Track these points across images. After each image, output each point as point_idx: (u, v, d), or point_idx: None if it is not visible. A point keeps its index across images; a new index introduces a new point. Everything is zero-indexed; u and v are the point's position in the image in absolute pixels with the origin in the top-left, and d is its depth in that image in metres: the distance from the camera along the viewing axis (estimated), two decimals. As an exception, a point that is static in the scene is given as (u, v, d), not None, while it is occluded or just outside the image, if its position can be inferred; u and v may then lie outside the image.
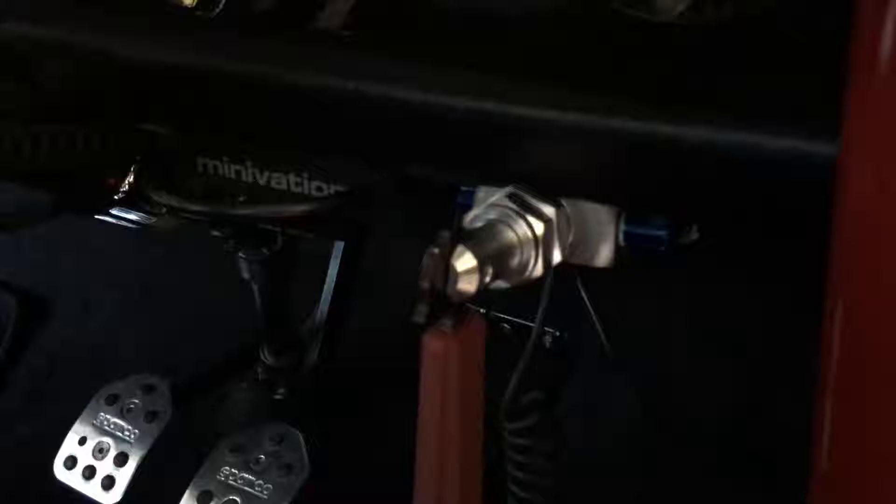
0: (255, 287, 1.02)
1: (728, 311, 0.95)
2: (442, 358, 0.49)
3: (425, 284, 0.46)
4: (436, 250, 0.47)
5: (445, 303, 0.48)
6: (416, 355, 0.50)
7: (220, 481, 0.97)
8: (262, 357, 1.12)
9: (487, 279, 0.50)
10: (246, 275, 1.00)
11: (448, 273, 0.47)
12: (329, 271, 1.13)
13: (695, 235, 0.58)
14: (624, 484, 0.97)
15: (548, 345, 1.02)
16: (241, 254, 0.98)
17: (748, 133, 0.47)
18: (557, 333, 0.99)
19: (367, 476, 1.10)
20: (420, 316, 0.46)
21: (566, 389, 0.96)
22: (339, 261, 1.11)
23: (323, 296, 1.13)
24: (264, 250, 0.97)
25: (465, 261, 0.48)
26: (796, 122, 0.46)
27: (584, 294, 0.65)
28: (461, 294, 0.48)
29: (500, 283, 0.54)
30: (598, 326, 0.68)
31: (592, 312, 0.67)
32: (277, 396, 1.13)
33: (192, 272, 1.34)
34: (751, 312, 0.94)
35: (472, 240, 0.49)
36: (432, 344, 0.49)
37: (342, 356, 1.15)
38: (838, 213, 0.41)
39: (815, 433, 0.44)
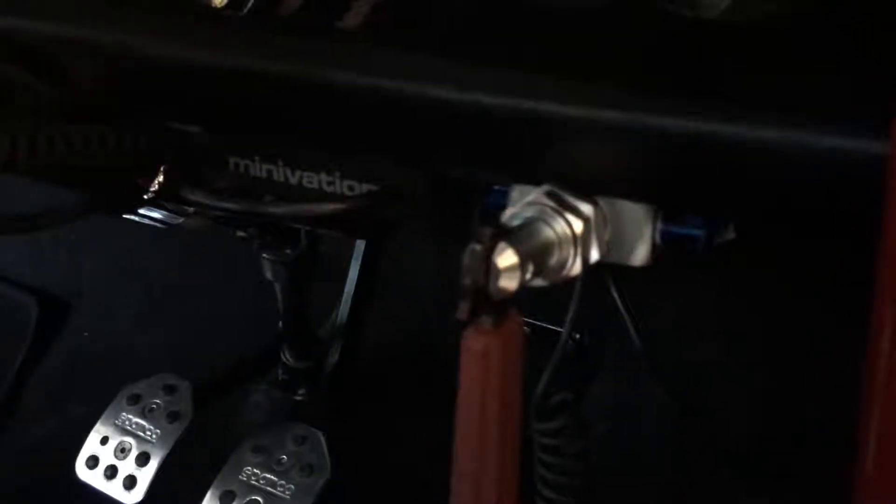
0: (278, 288, 1.03)
1: (759, 310, 0.95)
2: (483, 355, 0.49)
3: (468, 281, 0.46)
4: (478, 247, 0.47)
5: (486, 300, 0.48)
6: (434, 357, 0.50)
7: (242, 481, 0.97)
8: (283, 358, 1.12)
9: (528, 276, 0.50)
10: (269, 275, 1.01)
11: (490, 270, 0.47)
12: (349, 273, 1.13)
13: (731, 235, 0.58)
14: (652, 485, 0.97)
15: (569, 349, 1.02)
16: (265, 254, 0.98)
17: (792, 130, 0.47)
18: (577, 335, 0.99)
19: (387, 477, 1.10)
20: (462, 313, 0.46)
21: (590, 392, 0.96)
22: (359, 262, 1.12)
23: (344, 296, 1.13)
24: (288, 251, 0.98)
25: (506, 257, 0.48)
26: (843, 119, 0.45)
27: (615, 294, 0.65)
28: (502, 291, 0.48)
29: (539, 282, 0.53)
30: (630, 327, 0.68)
31: (624, 312, 0.67)
32: (298, 397, 1.13)
33: (214, 273, 1.34)
34: (782, 312, 0.94)
35: (512, 236, 0.49)
36: (473, 341, 0.49)
37: (363, 357, 1.15)
38: (888, 214, 0.40)
39: (861, 439, 0.44)
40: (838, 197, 0.47)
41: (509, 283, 0.48)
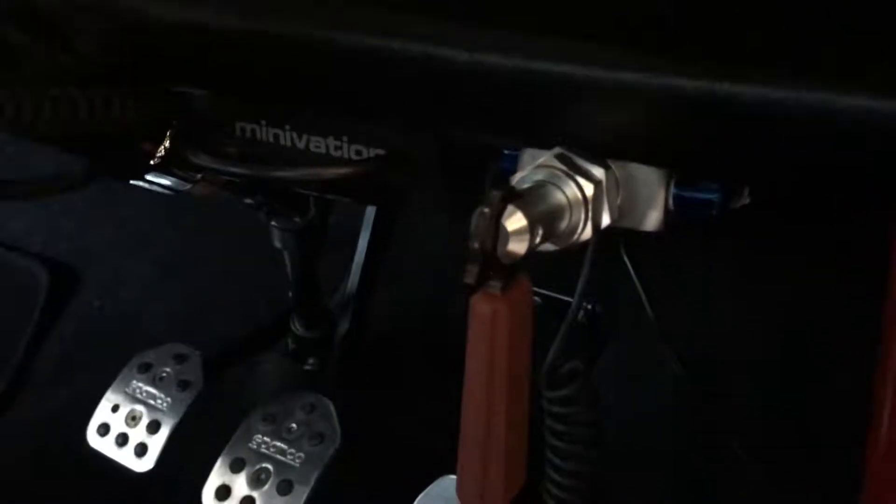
0: (287, 256, 1.02)
1: (774, 279, 0.94)
2: (490, 320, 0.48)
3: (475, 245, 0.45)
4: (486, 210, 0.46)
5: (495, 264, 0.47)
6: (445, 326, 0.49)
7: (252, 449, 0.97)
8: (293, 328, 1.12)
9: (537, 240, 0.49)
10: (278, 244, 1.00)
11: (498, 233, 0.46)
12: (360, 240, 1.13)
13: (746, 200, 0.57)
14: (662, 454, 0.96)
15: (580, 317, 1.01)
16: (273, 222, 0.97)
17: (810, 92, 0.45)
18: (589, 306, 0.98)
19: (397, 445, 1.10)
20: (470, 276, 0.45)
21: (602, 361, 0.96)
22: (370, 230, 1.11)
23: (354, 265, 1.13)
24: (297, 219, 0.97)
25: (515, 221, 0.47)
26: (863, 80, 0.44)
27: (627, 261, 0.64)
28: (511, 255, 0.47)
29: (549, 246, 0.53)
30: (641, 295, 0.67)
31: (635, 279, 0.66)
32: (308, 366, 1.13)
33: (224, 242, 1.34)
34: (798, 281, 0.93)
35: (522, 200, 0.48)
36: (481, 306, 0.48)
37: (373, 326, 1.15)
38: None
39: (876, 415, 0.43)
40: (857, 160, 0.46)
41: (518, 246, 0.47)
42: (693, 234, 0.57)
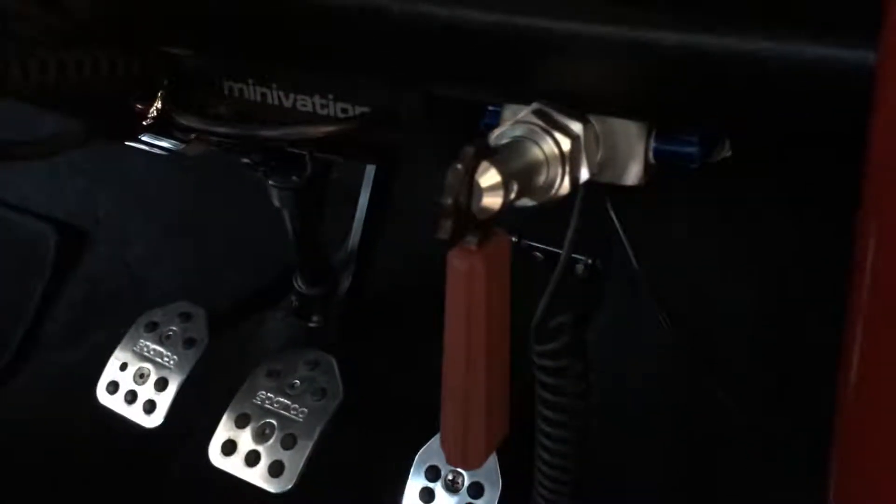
0: (286, 215, 1.03)
1: (761, 231, 0.94)
2: (467, 275, 0.48)
3: (448, 200, 0.45)
4: (459, 166, 0.46)
5: (470, 220, 0.47)
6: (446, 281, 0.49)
7: (256, 405, 0.99)
8: (297, 285, 1.13)
9: (512, 196, 0.49)
10: (277, 203, 1.00)
11: (472, 189, 0.47)
12: (360, 199, 1.13)
13: (727, 152, 0.56)
14: (654, 412, 0.97)
15: (580, 272, 1.02)
16: (271, 181, 0.98)
17: (781, 41, 0.45)
18: (589, 261, 0.98)
19: (399, 400, 1.11)
20: (444, 232, 0.46)
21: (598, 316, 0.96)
22: (370, 187, 1.11)
23: (355, 223, 1.13)
24: (294, 178, 0.97)
25: (489, 177, 0.47)
26: (831, 29, 0.44)
27: (613, 214, 0.64)
28: (486, 210, 0.48)
29: (527, 201, 0.53)
30: (628, 249, 0.68)
31: (622, 233, 0.66)
32: (312, 324, 1.15)
33: (228, 201, 1.35)
34: (785, 232, 0.92)
35: (496, 156, 0.48)
36: (457, 261, 0.48)
37: (375, 282, 1.16)
38: (874, 126, 0.39)
39: (844, 357, 0.43)
40: (829, 108, 0.45)
41: (492, 202, 0.48)
42: (679, 186, 0.57)
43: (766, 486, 0.79)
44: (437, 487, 0.90)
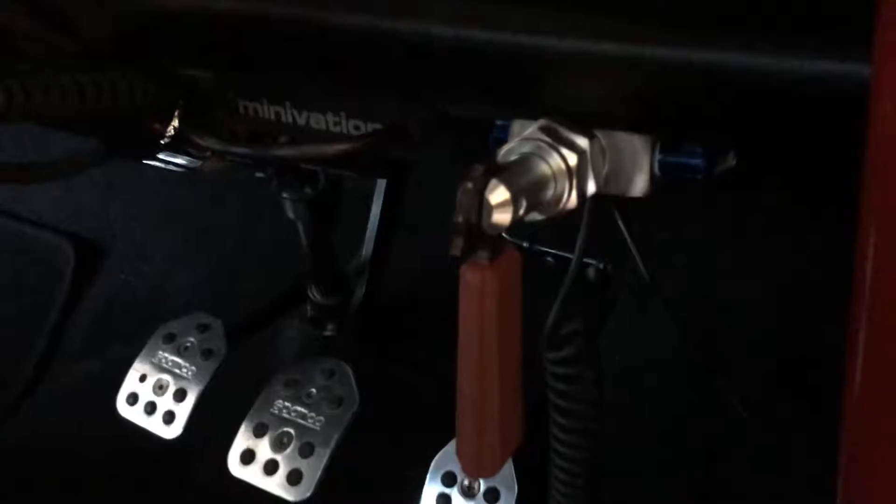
0: (301, 227, 1.04)
1: (773, 234, 0.94)
2: (479, 289, 0.50)
3: (459, 218, 0.47)
4: (469, 184, 0.47)
5: (481, 236, 0.49)
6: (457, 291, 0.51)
7: (274, 414, 1.00)
8: (311, 295, 1.15)
9: (522, 212, 0.50)
10: (291, 215, 1.02)
11: (482, 206, 0.48)
12: (372, 209, 1.15)
13: (732, 162, 0.57)
14: (667, 416, 0.98)
15: (591, 276, 1.03)
16: (284, 194, 1.00)
17: (780, 56, 0.46)
18: (601, 266, 1.00)
19: (415, 407, 1.12)
20: (456, 249, 0.47)
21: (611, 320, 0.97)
22: (381, 199, 1.13)
23: (367, 234, 1.15)
24: (307, 190, 0.99)
25: (498, 194, 0.49)
26: (828, 42, 0.45)
27: (621, 222, 0.65)
28: (496, 227, 0.49)
29: (536, 216, 0.54)
30: (636, 256, 0.69)
31: (629, 240, 0.67)
32: (327, 333, 1.16)
33: (243, 214, 1.37)
34: (797, 235, 0.93)
35: (505, 173, 0.50)
36: (469, 276, 0.50)
37: (390, 290, 1.17)
38: (870, 136, 0.40)
39: (850, 349, 0.44)
40: (827, 120, 0.47)
41: (502, 218, 0.49)
42: (690, 192, 0.58)
43: (780, 490, 0.80)
44: (454, 493, 0.91)
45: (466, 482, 0.92)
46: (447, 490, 0.91)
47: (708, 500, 0.99)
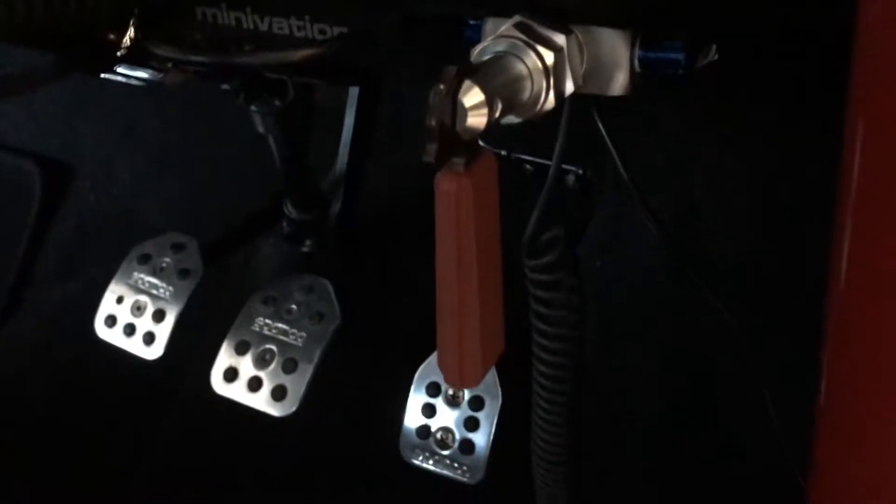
0: (272, 141, 1.01)
1: (751, 138, 0.93)
2: (455, 196, 0.48)
3: (433, 122, 0.45)
4: (442, 87, 0.45)
5: (455, 141, 0.46)
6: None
7: (255, 332, 1.00)
8: (287, 211, 1.12)
9: (497, 114, 0.48)
10: (260, 129, 0.99)
11: (456, 110, 0.46)
12: (346, 120, 1.11)
13: (714, 56, 0.55)
14: (648, 325, 0.98)
15: (570, 183, 1.01)
16: (253, 107, 0.96)
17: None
18: (580, 171, 0.98)
19: (396, 320, 1.12)
20: (430, 155, 0.45)
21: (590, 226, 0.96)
22: (354, 109, 1.09)
23: (341, 146, 1.12)
24: (276, 102, 0.95)
25: (472, 96, 0.46)
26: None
27: (599, 123, 0.63)
28: (471, 130, 0.47)
29: (512, 118, 0.52)
30: (616, 159, 0.67)
31: (609, 143, 0.65)
32: (305, 249, 1.14)
33: (211, 129, 1.33)
34: (776, 139, 0.91)
35: (479, 74, 0.47)
36: (444, 183, 0.48)
37: (367, 204, 1.15)
38: (858, 30, 0.38)
39: (834, 258, 0.43)
40: (811, 10, 0.44)
41: (477, 121, 0.47)
42: (667, 92, 0.56)
43: (762, 387, 0.80)
44: (439, 402, 0.92)
45: (451, 392, 0.92)
46: (432, 400, 0.92)
47: (695, 407, 1.00)
